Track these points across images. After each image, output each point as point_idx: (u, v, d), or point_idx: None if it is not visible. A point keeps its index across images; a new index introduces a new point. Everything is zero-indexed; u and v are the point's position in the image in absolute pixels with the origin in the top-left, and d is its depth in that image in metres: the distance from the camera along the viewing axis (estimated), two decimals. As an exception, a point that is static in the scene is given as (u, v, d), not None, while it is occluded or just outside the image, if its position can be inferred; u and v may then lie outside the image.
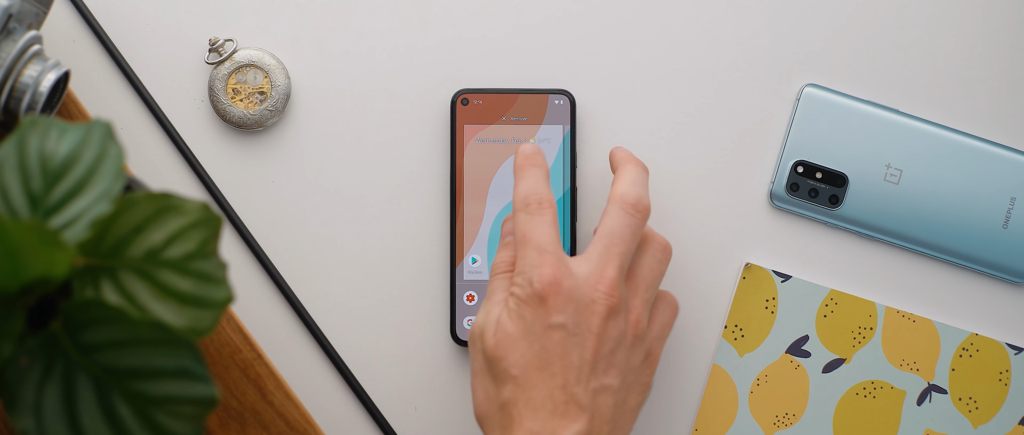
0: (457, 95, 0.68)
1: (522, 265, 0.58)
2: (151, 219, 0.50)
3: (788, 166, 0.69)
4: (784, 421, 0.68)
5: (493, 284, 0.61)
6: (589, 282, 0.58)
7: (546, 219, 0.59)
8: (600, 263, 0.58)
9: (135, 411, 0.49)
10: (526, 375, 0.57)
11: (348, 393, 0.68)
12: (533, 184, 0.60)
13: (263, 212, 0.69)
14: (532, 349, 0.57)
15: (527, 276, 0.58)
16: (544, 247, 0.58)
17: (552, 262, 0.58)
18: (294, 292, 0.68)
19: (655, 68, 0.69)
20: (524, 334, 0.57)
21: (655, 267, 0.61)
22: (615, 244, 0.59)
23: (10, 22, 0.59)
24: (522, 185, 0.61)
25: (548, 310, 0.57)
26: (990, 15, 0.70)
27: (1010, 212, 0.68)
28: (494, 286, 0.61)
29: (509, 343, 0.57)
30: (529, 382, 0.57)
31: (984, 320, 0.69)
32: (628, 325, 0.59)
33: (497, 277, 0.61)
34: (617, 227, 0.59)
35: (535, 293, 0.57)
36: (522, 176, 0.61)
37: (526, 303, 0.57)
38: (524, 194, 0.60)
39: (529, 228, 0.59)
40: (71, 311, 0.49)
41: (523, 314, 0.57)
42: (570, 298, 0.57)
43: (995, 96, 0.69)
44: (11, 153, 0.50)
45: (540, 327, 0.57)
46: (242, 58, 0.68)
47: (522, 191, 0.60)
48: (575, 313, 0.57)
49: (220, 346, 0.65)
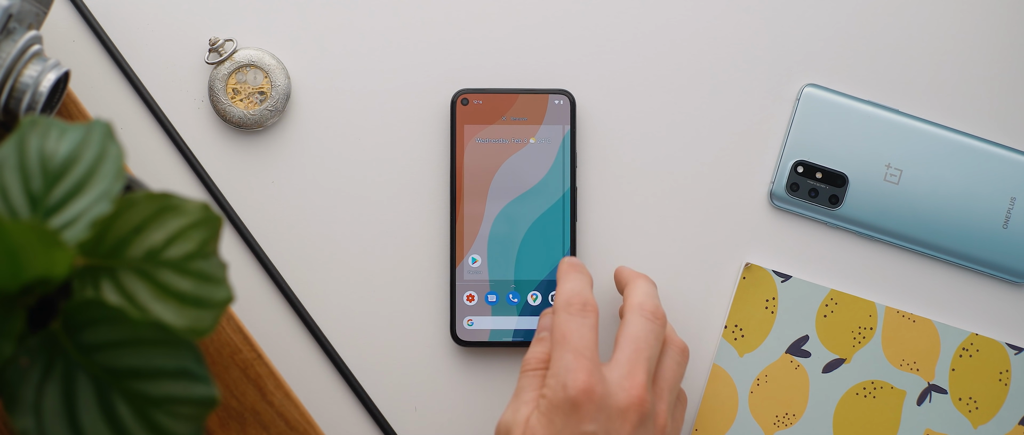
0: (457, 95, 0.68)
1: (557, 368, 0.58)
2: (151, 219, 0.50)
3: (788, 166, 0.69)
4: (784, 421, 0.68)
5: (523, 381, 0.61)
6: (622, 388, 0.58)
7: (588, 323, 0.59)
8: (630, 368, 0.58)
9: (135, 411, 0.49)
10: None
11: (348, 393, 0.68)
12: (579, 286, 0.61)
13: (263, 212, 0.69)
14: None
15: (561, 380, 0.58)
16: (582, 351, 0.58)
17: (587, 368, 0.57)
18: (294, 292, 0.68)
19: (655, 68, 0.69)
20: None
21: (676, 370, 0.61)
22: (642, 350, 0.59)
23: (10, 22, 0.59)
24: (567, 286, 0.61)
25: (580, 418, 0.57)
26: (990, 15, 0.70)
27: (1010, 212, 0.68)
28: (524, 383, 0.60)
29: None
30: None
31: (984, 320, 0.69)
32: (656, 429, 0.59)
33: (528, 374, 0.61)
34: (642, 333, 0.60)
35: (568, 398, 0.57)
36: (567, 278, 0.62)
37: (557, 408, 0.57)
38: (568, 295, 0.60)
39: (569, 329, 0.59)
40: (71, 311, 0.49)
41: (553, 419, 0.57)
42: (602, 406, 0.57)
43: (995, 96, 0.69)
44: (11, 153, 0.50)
45: (569, 433, 0.57)
46: (242, 58, 0.68)
47: (566, 291, 0.61)
48: (607, 421, 0.57)
49: (220, 346, 0.65)
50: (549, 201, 0.68)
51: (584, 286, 0.61)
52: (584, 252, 0.69)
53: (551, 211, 0.68)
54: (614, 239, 0.69)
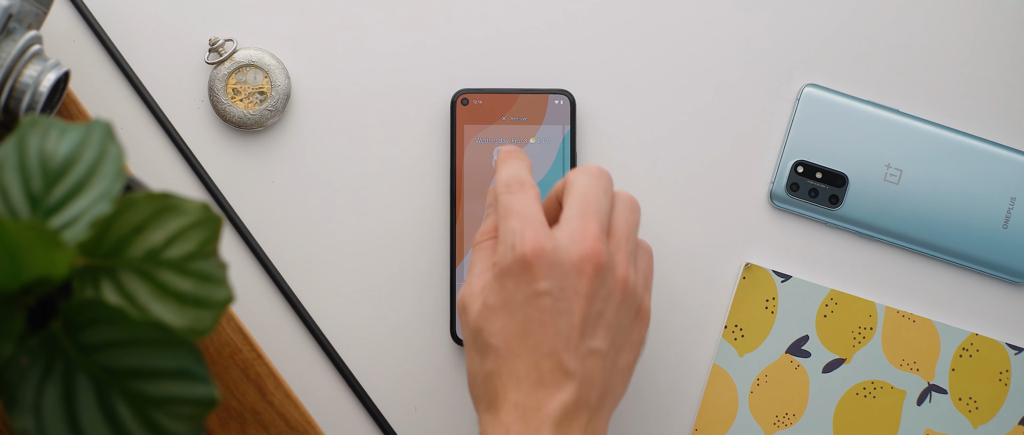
0: (457, 95, 0.68)
1: (504, 234, 0.57)
2: (151, 219, 0.50)
3: (788, 166, 0.69)
4: (784, 421, 0.68)
5: (474, 256, 0.59)
6: (573, 242, 0.56)
7: (529, 195, 0.58)
8: (580, 222, 0.56)
9: (135, 411, 0.49)
10: (508, 346, 0.55)
11: (348, 393, 0.68)
12: (515, 170, 0.59)
13: (263, 212, 0.69)
14: (514, 319, 0.55)
15: (509, 243, 0.56)
16: (527, 216, 0.56)
17: (535, 227, 0.56)
18: (294, 292, 0.68)
19: (655, 68, 0.69)
20: (506, 303, 0.56)
21: (630, 218, 0.59)
22: (590, 203, 0.57)
23: (10, 22, 0.59)
24: (504, 171, 0.59)
25: (532, 276, 0.55)
26: (990, 15, 0.70)
27: (1010, 212, 0.68)
28: (475, 257, 0.59)
29: (490, 314, 0.56)
30: (512, 353, 0.55)
31: (984, 320, 0.69)
32: (615, 282, 0.57)
33: (478, 246, 0.59)
34: (588, 187, 0.58)
35: (518, 259, 0.55)
36: (504, 164, 0.60)
37: (509, 272, 0.56)
38: (506, 178, 0.59)
39: (512, 202, 0.57)
40: (71, 311, 0.49)
41: (505, 283, 0.56)
42: (554, 262, 0.55)
43: (995, 96, 0.70)
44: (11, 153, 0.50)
45: (523, 296, 0.55)
46: (242, 58, 0.68)
47: (504, 175, 0.59)
48: (561, 277, 0.55)
49: (220, 346, 0.65)
50: (549, 201, 0.68)
51: (521, 169, 0.59)
52: (584, 252, 0.69)
53: (551, 211, 0.68)
54: (614, 239, 0.69)
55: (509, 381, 0.55)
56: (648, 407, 0.69)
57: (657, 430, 0.69)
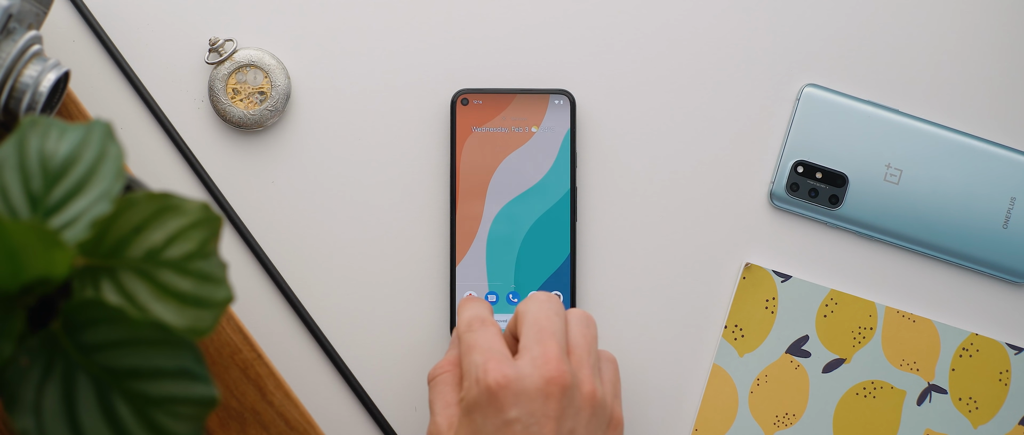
0: (457, 95, 0.68)
1: (468, 370, 0.58)
2: (151, 219, 0.50)
3: (788, 166, 0.69)
4: (784, 421, 0.68)
5: (434, 391, 0.60)
6: (535, 367, 0.56)
7: (491, 332, 0.59)
8: (540, 347, 0.57)
9: (135, 411, 0.49)
10: None
11: (348, 393, 0.68)
12: (476, 310, 0.61)
13: (263, 212, 0.69)
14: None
15: (473, 377, 0.57)
16: (490, 349, 0.57)
17: (498, 359, 0.57)
18: (294, 292, 0.68)
19: (655, 68, 0.69)
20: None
21: (586, 333, 0.60)
22: (545, 327, 0.58)
23: (10, 22, 0.59)
24: (465, 313, 0.61)
25: (500, 407, 0.56)
26: (990, 15, 0.70)
27: (1010, 212, 0.68)
28: (435, 393, 0.60)
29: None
30: None
31: (984, 320, 0.69)
32: (583, 398, 0.57)
33: (437, 380, 0.60)
34: (540, 312, 0.59)
35: (483, 391, 0.56)
36: (464, 308, 0.61)
37: (476, 406, 0.56)
38: (468, 318, 0.60)
39: (474, 339, 0.58)
40: (71, 311, 0.49)
41: (474, 418, 0.56)
42: (520, 391, 0.56)
43: (995, 96, 0.70)
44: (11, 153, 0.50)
45: (492, 427, 0.56)
46: (242, 58, 0.68)
47: (466, 316, 0.60)
48: (528, 403, 0.56)
49: (220, 346, 0.65)
50: (549, 201, 0.68)
51: (482, 310, 0.61)
52: (584, 252, 0.69)
53: (551, 211, 0.68)
54: (614, 239, 0.69)
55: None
56: (648, 407, 0.69)
57: (657, 430, 0.69)
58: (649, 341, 0.69)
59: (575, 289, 0.68)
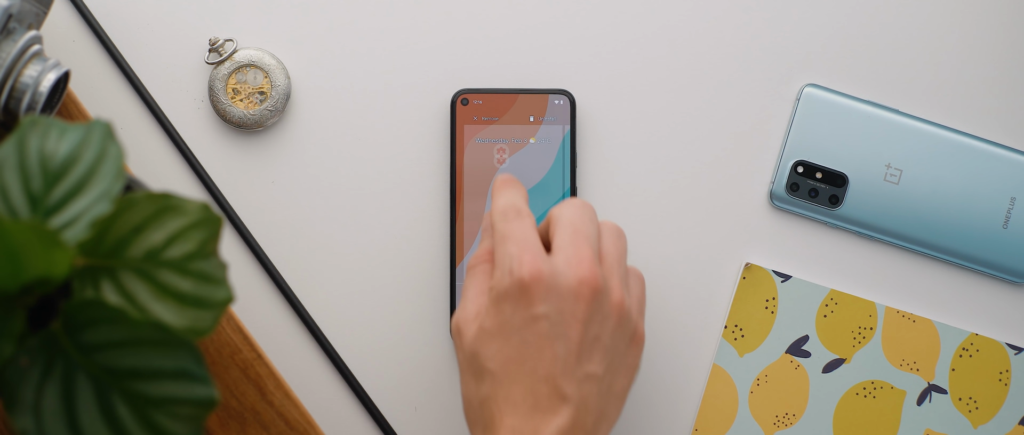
0: (457, 95, 0.68)
1: (501, 259, 0.57)
2: (151, 219, 0.50)
3: (788, 166, 0.69)
4: (784, 421, 0.68)
5: (469, 279, 0.59)
6: (569, 266, 0.56)
7: (526, 223, 0.58)
8: (574, 248, 0.57)
9: (134, 412, 0.49)
10: (505, 370, 0.55)
11: (348, 393, 0.68)
12: (511, 198, 0.59)
13: (263, 212, 0.69)
14: (511, 343, 0.55)
15: (506, 267, 0.56)
16: (525, 242, 0.57)
17: (533, 252, 0.56)
18: (294, 292, 0.68)
19: (655, 68, 0.69)
20: (502, 328, 0.56)
21: (618, 244, 0.59)
22: (580, 230, 0.57)
23: (10, 22, 0.59)
24: (500, 199, 0.60)
25: (530, 300, 0.55)
26: (990, 15, 0.70)
27: (1010, 212, 0.68)
28: (469, 281, 0.59)
29: (487, 338, 0.56)
30: (508, 377, 0.55)
31: (984, 320, 0.69)
32: (611, 306, 0.57)
33: (472, 270, 0.59)
34: (576, 216, 0.58)
35: (516, 283, 0.55)
36: (501, 192, 0.60)
37: (506, 296, 0.56)
38: (503, 206, 0.59)
39: (509, 229, 0.58)
40: (71, 311, 0.49)
41: (502, 308, 0.56)
42: (552, 287, 0.55)
43: (995, 96, 0.70)
44: (11, 153, 0.50)
45: (520, 320, 0.55)
46: (242, 58, 0.68)
47: (501, 203, 0.59)
48: (558, 301, 0.55)
49: (220, 346, 0.66)
50: (549, 201, 0.68)
51: (517, 197, 0.59)
52: (584, 252, 0.69)
53: (551, 211, 0.68)
54: (614, 239, 0.69)
55: (506, 406, 0.55)
56: (648, 407, 0.69)
57: (657, 430, 0.69)
58: (649, 341, 0.69)
59: (575, 289, 0.68)
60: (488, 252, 0.60)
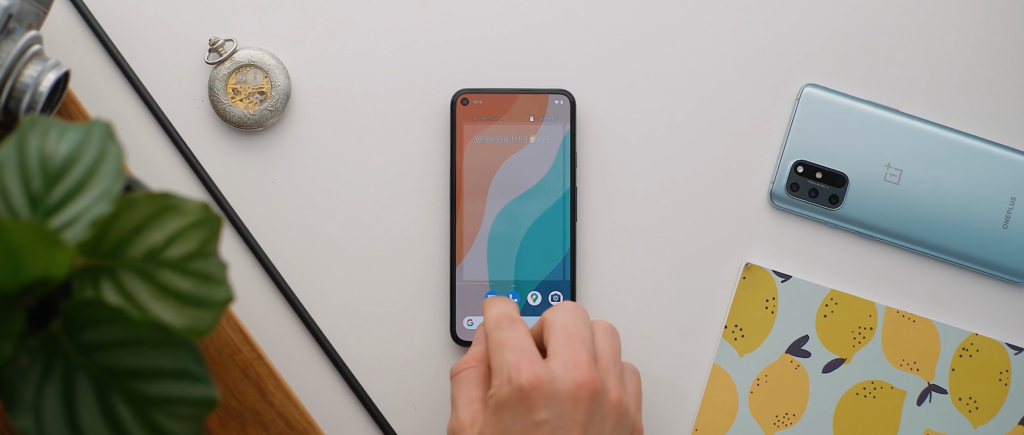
0: (457, 95, 0.68)
1: (499, 367, 0.57)
2: (151, 219, 0.50)
3: (788, 166, 0.69)
4: (784, 421, 0.68)
5: (458, 385, 0.60)
6: (567, 371, 0.56)
7: (521, 330, 0.59)
8: (570, 354, 0.57)
9: (135, 411, 0.49)
10: None
11: (348, 393, 0.68)
12: (503, 308, 0.60)
13: (263, 212, 0.69)
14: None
15: (506, 376, 0.57)
16: (522, 349, 0.57)
17: (531, 359, 0.57)
18: (294, 292, 0.68)
19: (655, 68, 0.69)
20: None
21: (612, 343, 0.60)
22: (574, 334, 0.58)
23: (10, 22, 0.59)
24: (492, 310, 0.60)
25: (529, 408, 0.56)
26: (990, 15, 0.70)
27: (1010, 212, 0.68)
28: (460, 387, 0.60)
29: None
30: None
31: (984, 320, 0.69)
32: (610, 406, 0.57)
33: (462, 375, 0.60)
34: (569, 320, 0.59)
35: (515, 391, 0.56)
36: (492, 306, 0.61)
37: (506, 404, 0.56)
38: (496, 315, 0.60)
39: (505, 336, 0.58)
40: (71, 311, 0.49)
41: (502, 416, 0.56)
42: (551, 393, 0.56)
43: (995, 96, 0.70)
44: (11, 153, 0.50)
45: (521, 427, 0.56)
46: (242, 58, 0.68)
47: (494, 313, 0.60)
48: (558, 406, 0.56)
49: (220, 346, 0.65)
50: (549, 201, 0.68)
51: (509, 308, 0.61)
52: (584, 252, 0.69)
53: (551, 211, 0.68)
54: (614, 239, 0.69)
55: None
56: (648, 407, 0.69)
57: (657, 430, 0.69)
58: (649, 341, 0.69)
59: (575, 289, 0.68)
60: (476, 358, 0.60)
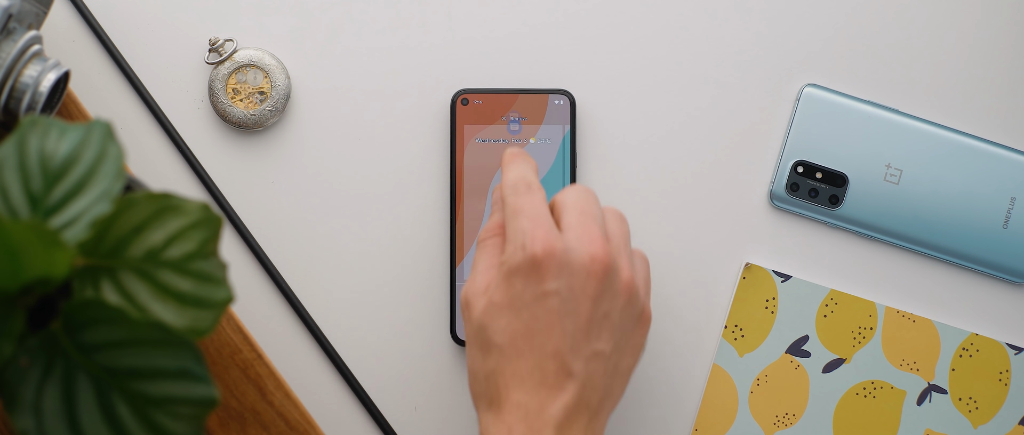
0: (457, 95, 0.68)
1: (513, 233, 0.57)
2: (151, 219, 0.50)
3: (788, 166, 0.69)
4: (784, 421, 0.68)
5: (479, 252, 0.59)
6: (581, 244, 0.56)
7: (537, 197, 0.58)
8: (583, 228, 0.57)
9: (135, 411, 0.49)
10: (513, 344, 0.55)
11: (348, 393, 0.68)
12: (522, 171, 0.59)
13: (263, 212, 0.69)
14: (520, 318, 0.55)
15: (519, 242, 0.56)
16: (537, 217, 0.56)
17: (545, 227, 0.56)
18: (294, 292, 0.68)
19: (655, 68, 0.69)
20: (512, 302, 0.56)
21: (622, 226, 0.59)
22: (587, 212, 0.57)
23: (10, 22, 0.59)
24: (510, 172, 0.59)
25: (541, 276, 0.55)
26: (990, 15, 0.70)
27: (1010, 212, 0.68)
28: (479, 254, 0.59)
29: (496, 312, 0.56)
30: (516, 352, 0.55)
31: (984, 320, 0.69)
32: (621, 284, 0.57)
33: (483, 243, 0.59)
34: (581, 198, 0.58)
35: (528, 258, 0.55)
36: (511, 165, 0.60)
37: (517, 271, 0.56)
38: (514, 179, 0.59)
39: (520, 203, 0.57)
40: (71, 311, 0.49)
41: (513, 282, 0.56)
42: (564, 264, 0.55)
43: (995, 96, 0.70)
44: (11, 153, 0.50)
45: (531, 295, 0.55)
46: (242, 58, 0.68)
47: (512, 176, 0.59)
48: (569, 277, 0.55)
49: (220, 346, 0.65)
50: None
51: (528, 171, 0.60)
52: (584, 252, 0.69)
53: (551, 211, 0.68)
54: (614, 239, 0.69)
55: (512, 380, 0.55)
56: (648, 407, 0.69)
57: (657, 430, 0.69)
58: (649, 341, 0.69)
59: (575, 289, 0.68)
60: (498, 226, 0.60)
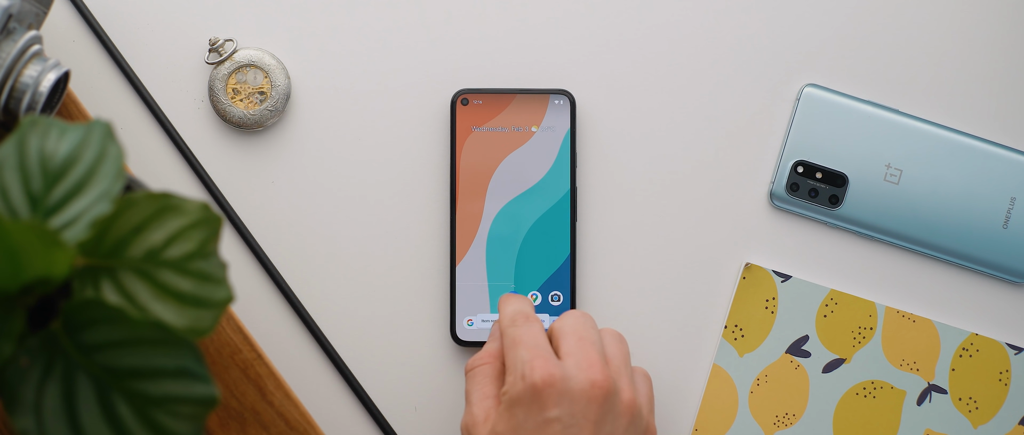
0: (457, 95, 0.68)
1: (513, 364, 0.58)
2: (151, 219, 0.50)
3: (788, 166, 0.69)
4: (784, 421, 0.68)
5: (472, 381, 0.60)
6: (580, 370, 0.57)
7: (536, 328, 0.59)
8: (582, 354, 0.58)
9: (135, 411, 0.49)
10: None
11: (348, 393, 0.68)
12: (519, 306, 0.61)
13: (263, 212, 0.69)
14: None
15: (519, 372, 0.57)
16: (537, 346, 0.58)
17: (545, 357, 0.57)
18: (294, 292, 0.68)
19: (655, 68, 0.69)
20: (515, 431, 0.56)
21: (622, 347, 0.61)
22: (585, 337, 0.59)
23: (10, 22, 0.59)
24: (508, 308, 0.61)
25: (542, 405, 0.56)
26: (990, 15, 0.70)
27: (1010, 212, 0.68)
28: (474, 383, 0.60)
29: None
30: None
31: (984, 320, 0.69)
32: (623, 406, 0.58)
33: (476, 371, 0.60)
34: (578, 324, 0.60)
35: (528, 387, 0.56)
36: (507, 303, 0.62)
37: (519, 400, 0.56)
38: (512, 313, 0.61)
39: (519, 334, 0.59)
40: (71, 311, 0.49)
41: (515, 412, 0.56)
42: (564, 390, 0.56)
43: (995, 96, 0.70)
44: (11, 153, 0.50)
45: (533, 424, 0.56)
46: (242, 58, 0.68)
47: (509, 310, 0.61)
48: (570, 404, 0.56)
49: (220, 346, 0.66)
50: (549, 201, 0.68)
51: (525, 305, 0.61)
52: (584, 252, 0.69)
53: (551, 211, 0.68)
54: (614, 239, 0.69)
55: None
56: (648, 407, 0.69)
57: (657, 430, 0.69)
58: (649, 341, 0.69)
59: (575, 289, 0.68)
60: (491, 354, 0.61)
